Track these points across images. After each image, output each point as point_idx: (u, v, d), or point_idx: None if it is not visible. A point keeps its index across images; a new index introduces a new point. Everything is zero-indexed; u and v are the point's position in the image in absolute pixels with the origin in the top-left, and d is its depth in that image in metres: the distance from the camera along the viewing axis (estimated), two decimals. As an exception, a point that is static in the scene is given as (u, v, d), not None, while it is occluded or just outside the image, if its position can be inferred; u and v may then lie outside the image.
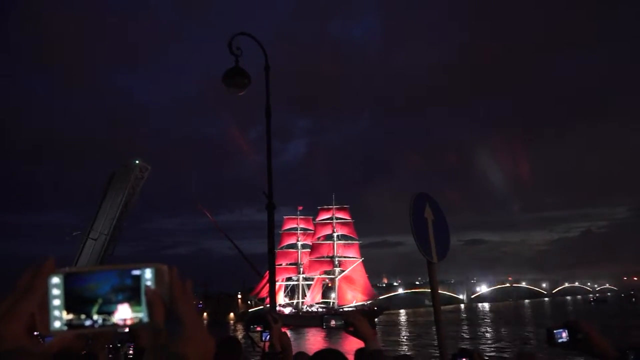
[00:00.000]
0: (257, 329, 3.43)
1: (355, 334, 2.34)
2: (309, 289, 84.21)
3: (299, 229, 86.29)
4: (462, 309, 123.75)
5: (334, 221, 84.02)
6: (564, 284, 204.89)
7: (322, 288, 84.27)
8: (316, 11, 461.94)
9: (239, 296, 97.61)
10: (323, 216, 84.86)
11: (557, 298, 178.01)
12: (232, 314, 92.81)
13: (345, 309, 74.67)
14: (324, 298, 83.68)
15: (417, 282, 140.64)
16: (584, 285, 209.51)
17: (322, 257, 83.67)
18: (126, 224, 72.53)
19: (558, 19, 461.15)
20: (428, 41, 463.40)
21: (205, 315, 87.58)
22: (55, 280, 0.75)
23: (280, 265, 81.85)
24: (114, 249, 69.45)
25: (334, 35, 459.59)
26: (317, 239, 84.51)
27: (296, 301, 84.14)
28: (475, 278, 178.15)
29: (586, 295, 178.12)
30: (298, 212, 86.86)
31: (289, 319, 68.22)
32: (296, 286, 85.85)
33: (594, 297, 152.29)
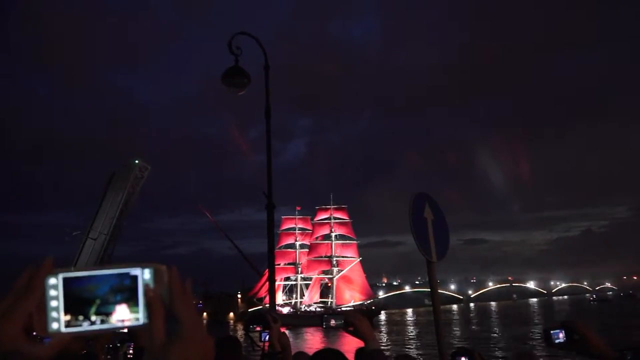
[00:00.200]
0: (257, 328, 3.44)
1: (355, 333, 2.34)
2: (307, 288, 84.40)
3: (297, 229, 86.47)
4: (462, 308, 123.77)
5: (332, 221, 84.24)
6: (564, 284, 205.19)
7: (320, 288, 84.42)
8: (316, 11, 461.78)
9: (239, 296, 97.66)
10: (321, 216, 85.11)
11: (557, 297, 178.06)
12: (231, 314, 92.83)
13: (343, 308, 74.88)
14: (322, 298, 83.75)
15: (417, 282, 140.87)
16: (584, 285, 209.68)
17: (320, 257, 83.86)
18: (126, 223, 72.51)
19: (558, 19, 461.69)
20: (428, 41, 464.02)
21: (205, 315, 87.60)
22: (53, 281, 0.75)
23: (278, 265, 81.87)
24: (114, 248, 69.44)
25: (334, 35, 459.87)
26: (315, 239, 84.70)
27: (294, 301, 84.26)
28: (475, 277, 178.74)
29: (586, 295, 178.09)
30: (296, 212, 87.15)
31: (287, 318, 68.21)
32: (294, 286, 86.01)
33: (593, 296, 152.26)
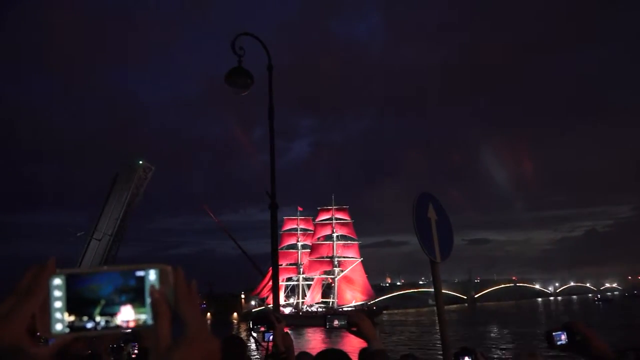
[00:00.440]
0: (261, 329, 3.44)
1: (358, 333, 2.34)
2: (308, 289, 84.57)
3: (299, 229, 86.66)
4: (465, 308, 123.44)
5: (334, 221, 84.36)
6: (568, 284, 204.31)
7: (321, 288, 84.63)
8: (319, 10, 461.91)
9: (242, 296, 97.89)
10: (322, 217, 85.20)
11: (562, 297, 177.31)
12: (235, 314, 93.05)
13: (345, 308, 75.08)
14: (323, 298, 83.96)
15: (420, 282, 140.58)
16: (588, 285, 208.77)
17: (322, 258, 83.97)
18: (130, 224, 72.75)
19: (558, 18, 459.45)
20: (429, 41, 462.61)
21: (208, 315, 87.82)
22: (57, 281, 0.74)
23: (280, 265, 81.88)
24: (118, 249, 69.66)
25: (337, 35, 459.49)
26: (316, 240, 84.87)
27: (296, 301, 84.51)
28: (479, 277, 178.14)
29: (591, 295, 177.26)
30: (298, 212, 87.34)
31: (289, 318, 68.42)
32: (296, 286, 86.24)
33: (598, 296, 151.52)
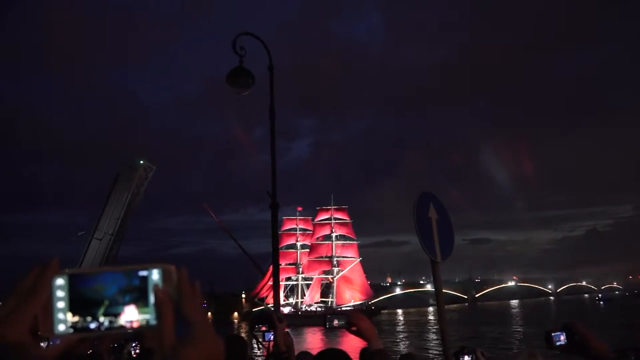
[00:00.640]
0: (262, 328, 3.46)
1: (358, 333, 2.35)
2: (307, 288, 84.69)
3: (298, 229, 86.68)
4: (467, 308, 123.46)
5: (332, 221, 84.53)
6: (569, 283, 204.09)
7: (320, 288, 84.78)
8: (319, 10, 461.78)
9: (243, 295, 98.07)
10: (322, 216, 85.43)
11: (562, 297, 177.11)
12: (236, 313, 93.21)
13: (343, 308, 75.27)
14: (322, 298, 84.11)
15: (421, 282, 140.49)
16: (589, 284, 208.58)
17: (321, 257, 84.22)
18: (131, 223, 72.81)
19: (558, 18, 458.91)
20: (429, 41, 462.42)
21: (209, 314, 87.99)
22: (60, 281, 0.73)
23: (279, 265, 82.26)
24: (119, 248, 69.73)
25: (337, 35, 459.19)
26: (316, 239, 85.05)
27: (295, 301, 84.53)
28: (480, 277, 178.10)
29: (591, 294, 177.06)
30: (297, 212, 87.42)
31: (288, 318, 68.31)
32: (295, 286, 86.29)
33: (599, 295, 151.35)
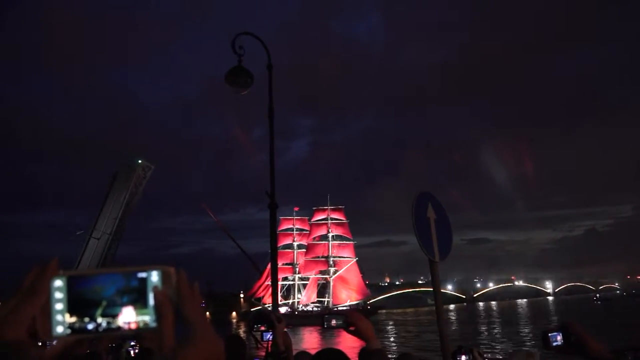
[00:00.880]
0: (261, 328, 3.45)
1: (356, 333, 2.35)
2: (304, 288, 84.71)
3: (294, 229, 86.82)
4: (465, 307, 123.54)
5: (329, 222, 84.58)
6: (568, 283, 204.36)
7: (317, 288, 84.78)
8: (319, 10, 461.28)
9: (241, 295, 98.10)
10: (318, 217, 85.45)
11: (561, 297, 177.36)
12: (234, 313, 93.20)
13: (339, 308, 75.56)
14: (319, 297, 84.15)
15: (419, 281, 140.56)
16: (587, 284, 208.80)
17: (318, 257, 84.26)
18: (129, 223, 72.74)
19: (558, 18, 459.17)
20: (429, 41, 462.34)
21: (207, 314, 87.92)
22: (58, 283, 0.73)
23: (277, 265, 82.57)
24: (117, 248, 69.67)
25: (337, 35, 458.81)
26: (312, 239, 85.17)
27: (292, 301, 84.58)
28: (479, 277, 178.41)
29: (590, 294, 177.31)
30: (294, 212, 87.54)
31: (285, 318, 68.49)
32: (292, 286, 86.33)
33: (597, 295, 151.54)
